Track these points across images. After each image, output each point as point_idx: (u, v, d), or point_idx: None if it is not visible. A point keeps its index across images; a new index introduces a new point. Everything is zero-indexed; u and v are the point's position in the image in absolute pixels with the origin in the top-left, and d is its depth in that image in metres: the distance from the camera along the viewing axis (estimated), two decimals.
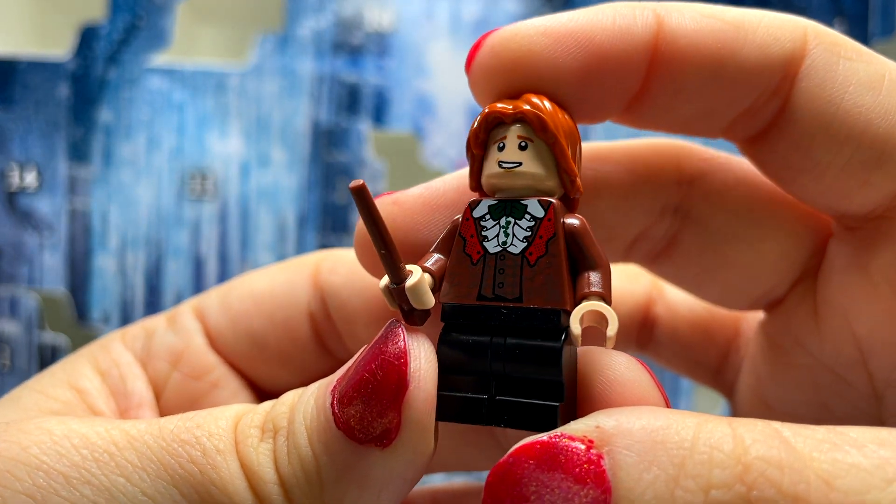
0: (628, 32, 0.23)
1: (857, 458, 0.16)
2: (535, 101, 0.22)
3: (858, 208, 0.24)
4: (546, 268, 0.21)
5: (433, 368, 0.21)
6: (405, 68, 0.58)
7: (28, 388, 0.27)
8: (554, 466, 0.17)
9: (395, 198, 0.25)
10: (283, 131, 0.58)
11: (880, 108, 0.22)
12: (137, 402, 0.28)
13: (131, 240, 0.57)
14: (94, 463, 0.21)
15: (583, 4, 0.23)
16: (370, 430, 0.20)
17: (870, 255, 0.24)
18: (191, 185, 0.57)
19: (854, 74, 0.23)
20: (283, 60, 0.57)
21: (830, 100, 0.23)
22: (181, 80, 0.57)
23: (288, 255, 0.58)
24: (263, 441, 0.21)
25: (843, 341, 0.26)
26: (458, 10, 0.58)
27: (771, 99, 0.24)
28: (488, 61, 0.23)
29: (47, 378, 0.27)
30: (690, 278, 0.29)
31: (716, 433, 0.17)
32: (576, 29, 0.23)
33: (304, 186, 0.58)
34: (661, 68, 0.23)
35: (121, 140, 0.57)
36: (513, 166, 0.22)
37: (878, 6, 0.58)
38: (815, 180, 0.24)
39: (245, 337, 0.30)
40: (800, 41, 0.23)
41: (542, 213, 0.22)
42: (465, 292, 0.22)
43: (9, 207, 0.56)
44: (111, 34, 0.57)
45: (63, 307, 0.57)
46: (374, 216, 0.20)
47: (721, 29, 0.23)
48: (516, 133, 0.22)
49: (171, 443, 0.21)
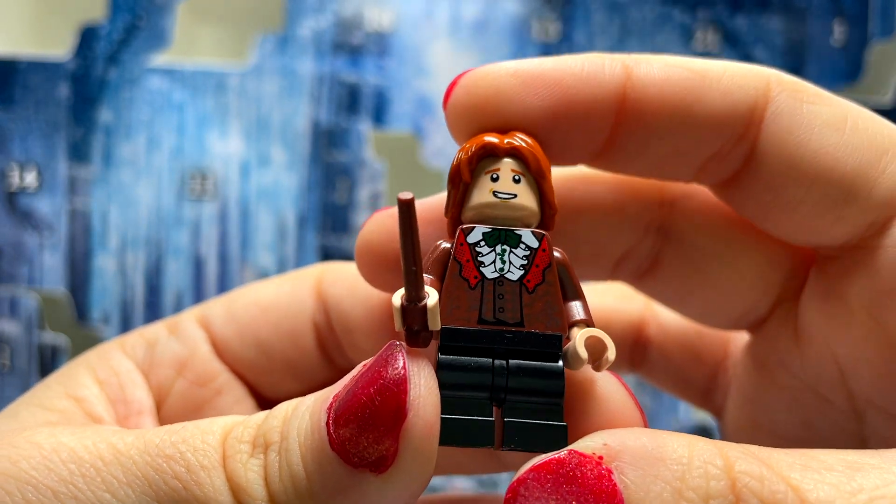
0: (596, 78, 0.24)
1: (825, 474, 0.18)
2: (524, 139, 0.23)
3: (833, 241, 0.25)
4: (544, 295, 0.22)
5: (434, 395, 0.20)
6: (405, 68, 0.58)
7: (25, 402, 0.27)
8: (571, 481, 0.19)
9: (392, 212, 0.25)
10: (283, 131, 0.58)
11: (846, 147, 0.24)
12: (137, 409, 0.29)
13: (131, 240, 0.57)
14: (82, 478, 0.21)
15: (582, 6, 0.23)
16: (366, 456, 0.20)
17: (846, 283, 0.25)
18: (191, 185, 0.57)
19: (818, 117, 0.24)
20: (283, 60, 0.57)
21: (798, 142, 0.24)
22: (181, 80, 0.57)
23: (288, 255, 0.58)
24: (254, 456, 0.21)
25: (824, 363, 0.27)
26: (458, 10, 0.58)
27: (738, 144, 0.25)
28: (462, 99, 0.24)
29: (44, 390, 0.27)
30: (674, 296, 0.30)
31: (706, 451, 0.19)
32: (544, 72, 0.24)
33: (304, 186, 0.58)
34: (629, 114, 0.24)
35: (121, 140, 0.57)
36: (509, 197, 0.23)
37: (878, 6, 0.58)
38: (789, 218, 0.25)
39: (251, 345, 0.31)
40: (763, 88, 0.24)
41: (537, 244, 0.23)
42: (465, 315, 0.22)
43: (9, 207, 0.56)
44: (111, 34, 0.57)
45: (63, 307, 0.57)
46: (414, 232, 0.20)
47: (687, 77, 0.24)
48: (510, 167, 0.23)
49: (156, 458, 0.21)
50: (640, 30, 0.58)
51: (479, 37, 0.58)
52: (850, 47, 0.58)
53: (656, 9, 0.58)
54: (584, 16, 0.58)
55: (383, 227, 0.25)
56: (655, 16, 0.58)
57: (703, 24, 0.58)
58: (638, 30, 0.58)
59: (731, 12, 0.58)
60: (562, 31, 0.58)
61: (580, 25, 0.58)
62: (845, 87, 0.58)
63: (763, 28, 0.58)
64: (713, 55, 0.58)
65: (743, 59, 0.58)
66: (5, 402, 0.59)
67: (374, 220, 0.25)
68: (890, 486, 0.18)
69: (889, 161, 0.24)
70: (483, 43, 0.58)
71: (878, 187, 0.24)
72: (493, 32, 0.58)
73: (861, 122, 0.24)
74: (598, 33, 0.58)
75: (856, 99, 0.26)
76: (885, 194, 0.24)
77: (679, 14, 0.58)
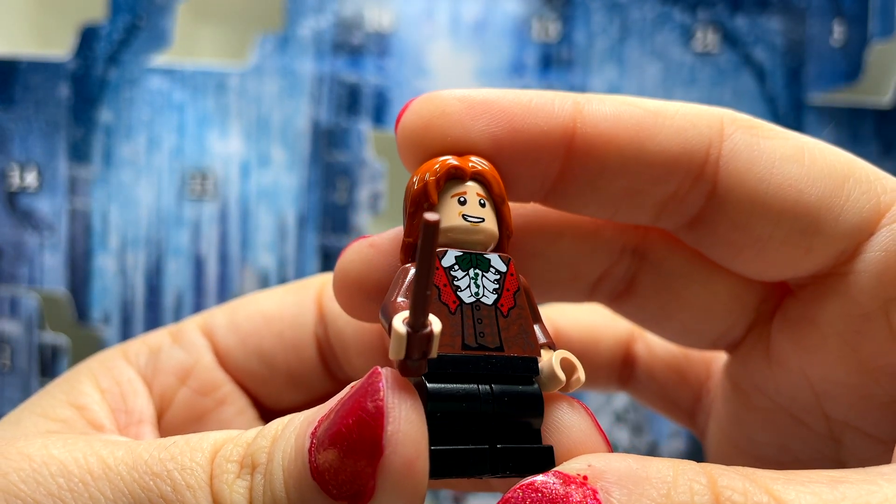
0: (543, 111, 0.24)
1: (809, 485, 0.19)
2: (484, 163, 0.23)
3: (805, 272, 0.25)
4: (518, 318, 0.22)
5: (417, 430, 0.20)
6: (405, 68, 0.58)
7: (27, 409, 0.27)
8: (556, 500, 0.19)
9: (371, 241, 0.25)
10: (284, 131, 0.58)
11: (807, 178, 0.24)
12: (138, 419, 0.29)
13: (132, 240, 0.57)
14: (70, 493, 0.21)
15: (582, 6, 0.24)
16: (344, 489, 0.19)
17: (818, 309, 0.25)
18: (191, 185, 0.57)
19: (776, 151, 0.24)
20: (284, 60, 0.57)
21: (760, 177, 0.24)
22: (181, 80, 0.57)
23: (288, 256, 0.58)
24: (240, 477, 0.21)
25: (798, 386, 0.27)
26: (458, 10, 0.58)
27: (696, 183, 0.25)
28: (410, 122, 0.24)
29: (47, 398, 0.27)
30: (651, 318, 0.30)
31: (689, 471, 0.19)
32: (490, 99, 0.24)
33: (305, 186, 0.58)
34: (580, 150, 0.24)
35: (121, 140, 0.57)
36: (478, 221, 0.23)
37: (878, 6, 0.58)
38: (758, 255, 0.25)
39: (255, 355, 0.31)
40: (716, 126, 0.24)
41: (505, 269, 0.23)
42: (448, 341, 0.21)
43: (9, 207, 0.56)
44: (111, 34, 0.57)
45: (63, 307, 0.57)
46: (433, 255, 0.19)
47: (639, 115, 0.24)
48: (475, 190, 0.23)
49: (143, 475, 0.21)
50: (640, 30, 0.58)
51: (479, 37, 0.58)
52: (850, 47, 0.58)
53: (656, 9, 0.58)
54: (584, 16, 0.58)
55: (362, 257, 0.25)
56: (655, 16, 0.58)
57: (703, 24, 0.58)
58: (638, 30, 0.58)
59: (731, 12, 0.58)
60: (562, 31, 0.58)
61: (580, 25, 0.58)
62: (845, 87, 0.58)
63: (763, 28, 0.58)
64: (713, 55, 0.58)
65: (743, 59, 0.58)
66: (5, 401, 0.59)
67: (352, 249, 0.25)
68: (874, 495, 0.18)
69: (851, 188, 0.24)
70: (483, 43, 0.58)
71: (844, 214, 0.24)
72: (493, 32, 0.58)
73: (818, 152, 0.24)
74: (598, 33, 0.58)
75: (856, 99, 0.26)
76: (853, 220, 0.24)
77: (679, 14, 0.58)
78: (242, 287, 0.58)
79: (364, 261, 0.24)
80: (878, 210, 0.24)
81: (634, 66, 0.58)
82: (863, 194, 0.24)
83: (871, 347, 0.25)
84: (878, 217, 0.24)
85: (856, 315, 0.24)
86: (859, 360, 0.25)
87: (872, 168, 0.25)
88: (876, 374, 0.25)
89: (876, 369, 0.25)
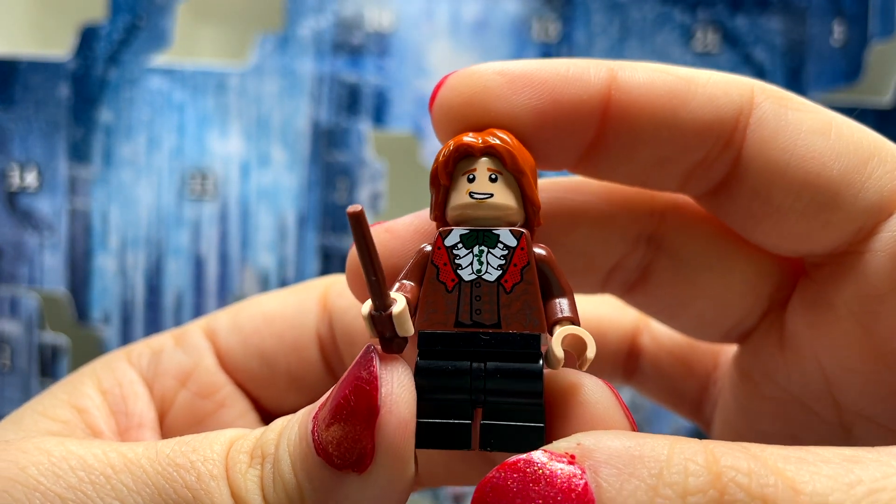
0: (581, 80, 0.24)
1: (821, 467, 0.18)
2: (502, 136, 0.23)
3: (822, 248, 0.25)
4: (522, 294, 0.22)
5: (407, 393, 0.21)
6: (405, 68, 0.58)
7: (30, 408, 0.27)
8: (538, 480, 0.18)
9: (388, 226, 0.25)
10: (284, 131, 0.58)
11: (832, 152, 0.24)
12: (138, 422, 0.29)
13: (131, 240, 0.57)
14: (91, 485, 0.21)
15: (582, 6, 0.24)
16: (347, 457, 0.20)
17: (834, 290, 0.25)
18: (191, 185, 0.57)
19: (803, 123, 0.24)
20: (284, 60, 0.57)
21: (784, 147, 0.24)
22: (181, 80, 0.57)
23: (288, 255, 0.58)
24: (252, 467, 0.22)
25: (810, 373, 0.27)
26: (458, 10, 0.58)
27: (724, 150, 0.25)
28: (448, 98, 0.24)
29: (49, 399, 0.28)
30: (665, 309, 0.30)
31: (688, 448, 0.18)
32: (530, 71, 0.24)
33: (305, 186, 0.58)
34: (614, 117, 0.24)
35: (121, 140, 0.57)
36: (484, 197, 0.23)
37: (878, 6, 0.58)
38: (776, 226, 0.25)
39: (255, 357, 0.31)
40: (747, 95, 0.24)
41: (515, 243, 0.22)
42: (442, 319, 0.22)
43: (9, 207, 0.56)
44: (111, 34, 0.57)
45: (63, 307, 0.57)
46: (368, 243, 0.20)
47: (672, 82, 0.24)
48: (486, 166, 0.23)
49: (167, 467, 0.21)
50: (640, 30, 0.58)
51: (479, 37, 0.58)
52: (850, 47, 0.58)
53: (656, 9, 0.58)
54: (584, 16, 0.58)
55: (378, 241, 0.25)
56: (655, 16, 0.58)
57: (703, 25, 0.58)
58: (638, 30, 0.58)
59: (731, 12, 0.58)
60: (562, 31, 0.58)
61: (580, 25, 0.58)
62: (845, 87, 0.58)
63: (763, 28, 0.58)
64: (713, 55, 0.58)
65: (743, 59, 0.58)
66: (5, 401, 0.59)
67: None
68: (890, 479, 0.17)
69: (875, 166, 0.24)
70: (483, 43, 0.58)
71: (864, 191, 0.24)
72: (493, 32, 0.58)
73: (845, 128, 0.24)
74: (598, 33, 0.58)
75: (855, 99, 0.26)
76: (872, 199, 0.24)
77: (679, 14, 0.58)
78: (242, 287, 0.58)
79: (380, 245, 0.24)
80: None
81: None
82: (886, 173, 0.24)
83: (885, 330, 0.24)
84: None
85: (870, 296, 0.24)
86: (873, 344, 0.25)
87: None
88: (888, 359, 0.25)
89: (888, 353, 0.25)
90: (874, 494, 0.17)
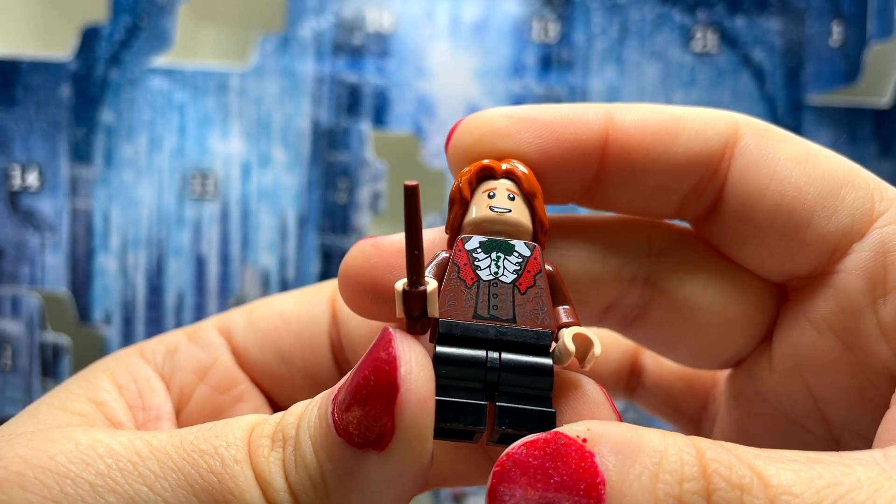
0: (580, 121, 0.27)
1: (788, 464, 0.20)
2: (519, 164, 0.26)
3: (801, 269, 0.27)
4: (535, 296, 0.25)
5: (426, 372, 0.22)
6: (405, 69, 0.58)
7: (45, 403, 0.27)
8: (555, 458, 0.20)
9: (375, 241, 0.26)
10: (284, 132, 0.58)
11: (807, 178, 0.26)
12: (156, 415, 0.29)
13: (133, 240, 0.57)
14: (119, 472, 0.22)
15: (582, 7, 0.24)
16: (367, 435, 0.21)
17: (814, 309, 0.27)
18: (192, 186, 0.57)
19: (782, 152, 0.27)
20: (284, 61, 0.58)
21: (765, 173, 0.26)
22: (182, 80, 0.57)
23: (289, 255, 0.58)
24: (273, 450, 0.22)
25: (798, 392, 0.28)
26: (459, 11, 0.58)
27: (713, 178, 0.27)
28: (461, 139, 0.27)
29: (65, 393, 0.28)
30: (663, 343, 0.31)
31: (679, 442, 0.21)
32: (534, 115, 0.27)
33: (305, 186, 0.58)
34: (613, 153, 0.27)
35: (122, 140, 0.57)
36: (504, 211, 0.25)
37: (877, 7, 0.58)
38: (759, 246, 0.27)
39: (272, 354, 0.32)
40: (732, 128, 0.27)
41: (529, 253, 0.25)
42: (461, 310, 0.24)
43: (11, 207, 0.56)
44: (113, 35, 0.57)
45: (65, 307, 0.57)
46: (418, 218, 0.22)
47: (663, 119, 0.27)
48: (505, 186, 0.26)
49: (192, 453, 0.22)
50: (639, 30, 0.58)
51: (479, 37, 0.58)
52: (849, 48, 0.58)
53: (656, 9, 0.58)
54: (584, 16, 0.58)
55: (364, 255, 0.26)
56: (655, 16, 0.58)
57: (703, 25, 0.58)
58: (637, 30, 0.58)
59: (730, 13, 0.58)
60: (562, 31, 0.58)
61: (580, 26, 0.58)
62: (843, 87, 0.58)
63: (762, 29, 0.58)
64: (712, 56, 0.58)
65: (742, 59, 0.58)
66: (7, 401, 0.60)
67: (356, 247, 0.27)
68: (848, 476, 0.20)
69: (847, 192, 0.26)
70: (483, 43, 0.58)
71: (838, 214, 0.26)
72: (493, 33, 0.58)
73: (822, 157, 0.27)
74: (598, 34, 0.58)
75: (854, 100, 0.27)
76: (845, 221, 0.26)
77: (678, 15, 0.58)
78: (243, 287, 0.58)
79: (365, 258, 0.26)
80: (871, 215, 0.26)
81: (634, 67, 0.58)
82: (858, 199, 0.26)
83: (865, 345, 0.26)
84: (870, 221, 0.26)
85: (848, 312, 0.26)
86: (855, 360, 0.26)
87: (875, 178, 0.27)
88: (869, 374, 0.26)
89: (868, 368, 0.26)
90: (832, 487, 0.19)
